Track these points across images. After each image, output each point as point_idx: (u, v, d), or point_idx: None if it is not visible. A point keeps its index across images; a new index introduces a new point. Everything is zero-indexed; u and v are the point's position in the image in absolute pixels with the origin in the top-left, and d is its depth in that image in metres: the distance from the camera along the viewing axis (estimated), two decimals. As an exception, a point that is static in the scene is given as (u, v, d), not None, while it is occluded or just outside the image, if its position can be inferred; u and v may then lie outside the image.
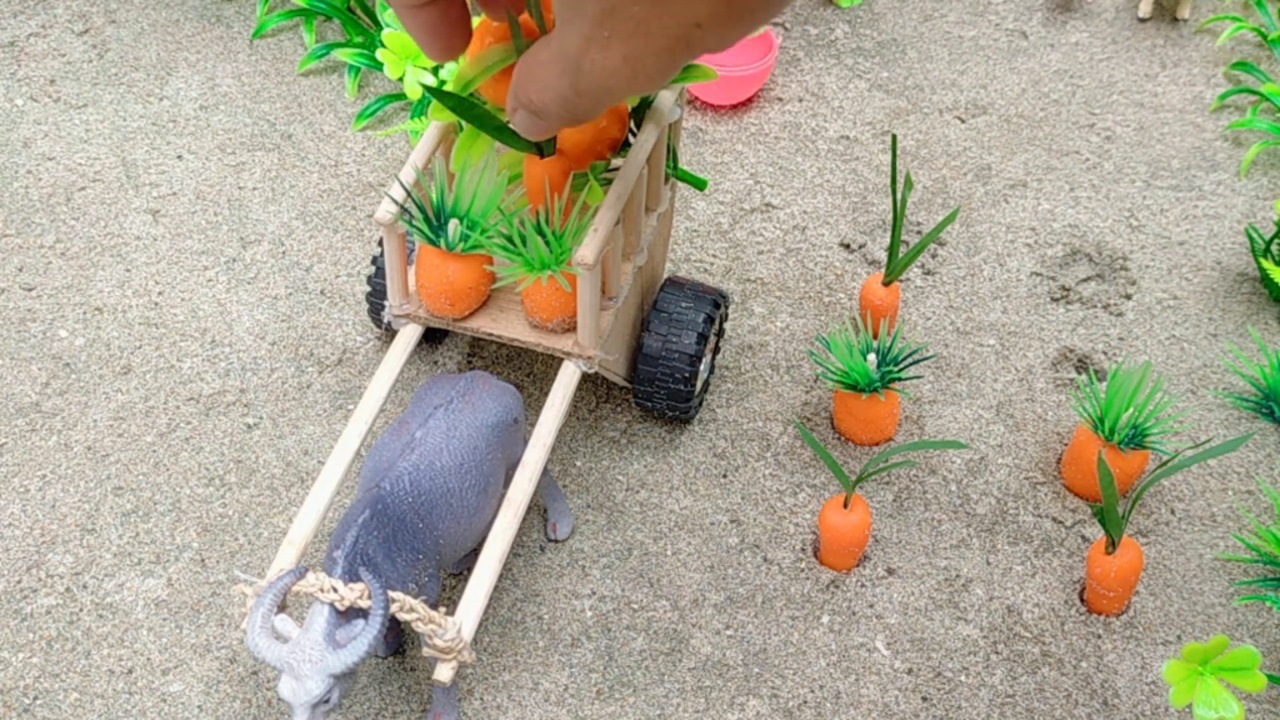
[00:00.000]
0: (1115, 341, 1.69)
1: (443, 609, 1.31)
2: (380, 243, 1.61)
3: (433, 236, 1.37)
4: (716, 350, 1.61)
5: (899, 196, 1.67)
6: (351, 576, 1.23)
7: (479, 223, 1.37)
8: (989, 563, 1.50)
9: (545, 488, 1.48)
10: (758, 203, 1.82)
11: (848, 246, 1.78)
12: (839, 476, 1.42)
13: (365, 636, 1.20)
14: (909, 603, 1.47)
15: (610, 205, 1.36)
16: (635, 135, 1.44)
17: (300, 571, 1.23)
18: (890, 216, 1.81)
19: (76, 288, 1.73)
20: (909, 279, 1.74)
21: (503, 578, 1.48)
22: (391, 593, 1.23)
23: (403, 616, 1.23)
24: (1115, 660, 1.43)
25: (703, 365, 1.56)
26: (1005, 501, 1.55)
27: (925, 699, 1.40)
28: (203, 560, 1.50)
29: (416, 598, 1.28)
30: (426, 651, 1.26)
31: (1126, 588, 1.43)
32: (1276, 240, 1.71)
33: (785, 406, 1.63)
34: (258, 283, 1.74)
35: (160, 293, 1.73)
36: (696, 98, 1.94)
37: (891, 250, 1.60)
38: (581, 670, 1.42)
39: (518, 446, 1.39)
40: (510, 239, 1.35)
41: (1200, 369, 1.66)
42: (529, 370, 1.66)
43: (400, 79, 1.79)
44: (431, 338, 1.68)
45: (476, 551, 1.35)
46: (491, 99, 1.41)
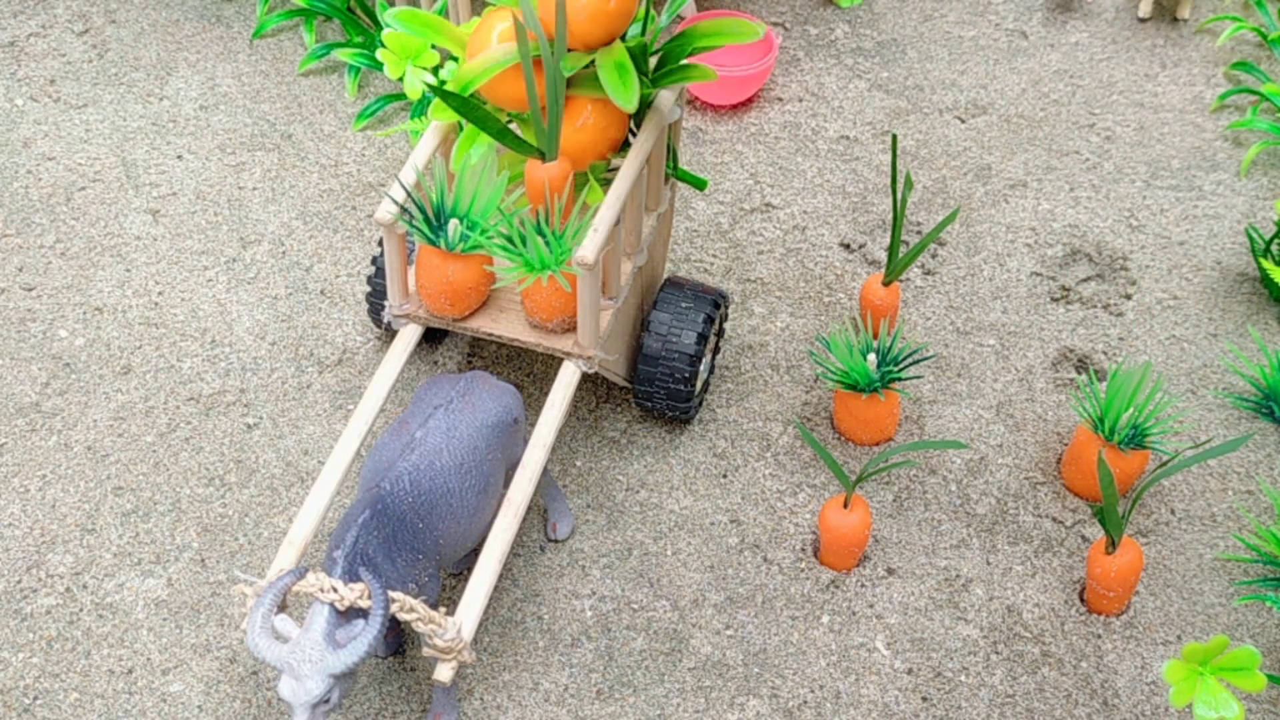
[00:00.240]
0: (1115, 341, 1.69)
1: (443, 609, 1.31)
2: (380, 243, 1.61)
3: (433, 236, 1.37)
4: (716, 350, 1.61)
5: (899, 196, 1.67)
6: (351, 576, 1.23)
7: (479, 223, 1.37)
8: (989, 563, 1.50)
9: (545, 488, 1.48)
10: (758, 203, 1.82)
11: (848, 246, 1.78)
12: (839, 476, 1.42)
13: (365, 636, 1.20)
14: (909, 603, 1.47)
15: (610, 205, 1.36)
16: (635, 135, 1.44)
17: (300, 571, 1.23)
18: (890, 216, 1.81)
19: (76, 288, 1.73)
20: (909, 279, 1.74)
21: (503, 578, 1.48)
22: (391, 593, 1.23)
23: (403, 616, 1.23)
24: (1115, 660, 1.43)
25: (703, 365, 1.56)
26: (1005, 501, 1.55)
27: (925, 699, 1.40)
28: (203, 560, 1.50)
29: (416, 598, 1.28)
30: (426, 651, 1.26)
31: (1126, 588, 1.43)
32: (1276, 240, 1.71)
33: (785, 406, 1.63)
34: (258, 283, 1.74)
35: (160, 293, 1.73)
36: (696, 98, 1.93)
37: (891, 250, 1.60)
38: (581, 670, 1.42)
39: (518, 446, 1.39)
40: (510, 239, 1.35)
41: (1200, 369, 1.66)
42: (529, 370, 1.66)
43: (400, 79, 1.79)
44: (431, 338, 1.68)
45: (476, 551, 1.35)
46: (492, 100, 1.41)
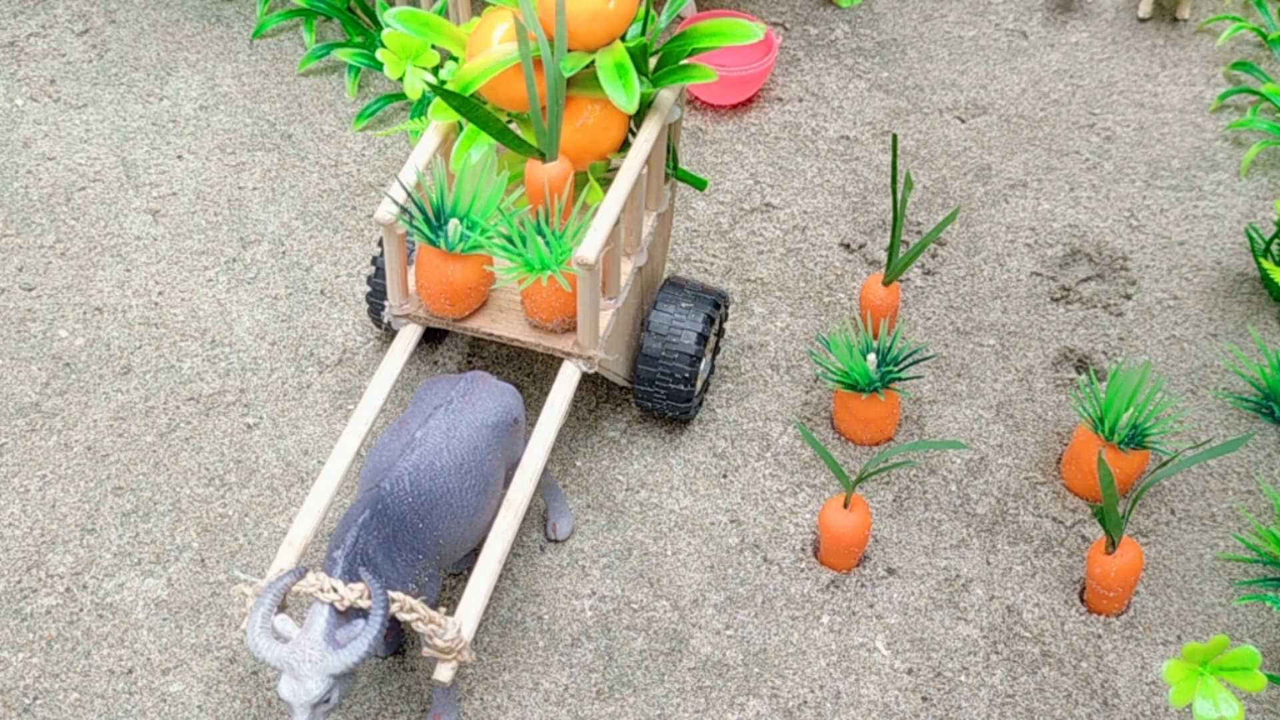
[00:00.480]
0: (1115, 341, 1.69)
1: (443, 609, 1.31)
2: (380, 243, 1.61)
3: (433, 237, 1.37)
4: (716, 350, 1.61)
5: (899, 196, 1.67)
6: (351, 576, 1.23)
7: (479, 223, 1.37)
8: (989, 563, 1.50)
9: (545, 488, 1.48)
10: (758, 203, 1.82)
11: (848, 246, 1.78)
12: (839, 476, 1.42)
13: (365, 636, 1.20)
14: (909, 603, 1.47)
15: (610, 205, 1.36)
16: (635, 135, 1.44)
17: (300, 571, 1.23)
18: (890, 216, 1.81)
19: (76, 288, 1.73)
20: (909, 279, 1.74)
21: (503, 578, 1.48)
22: (391, 593, 1.23)
23: (403, 616, 1.23)
24: (1115, 660, 1.43)
25: (703, 365, 1.56)
26: (1005, 501, 1.55)
27: (925, 699, 1.40)
28: (203, 560, 1.50)
29: (416, 598, 1.28)
30: (426, 651, 1.26)
31: (1126, 588, 1.43)
32: (1276, 240, 1.71)
33: (785, 406, 1.63)
34: (258, 283, 1.74)
35: (160, 293, 1.73)
36: (696, 98, 1.93)
37: (891, 250, 1.60)
38: (581, 670, 1.42)
39: (518, 446, 1.39)
40: (510, 239, 1.35)
41: (1200, 369, 1.66)
42: (529, 370, 1.66)
43: (400, 79, 1.79)
44: (431, 338, 1.68)
45: (476, 551, 1.35)
46: (493, 100, 1.41)
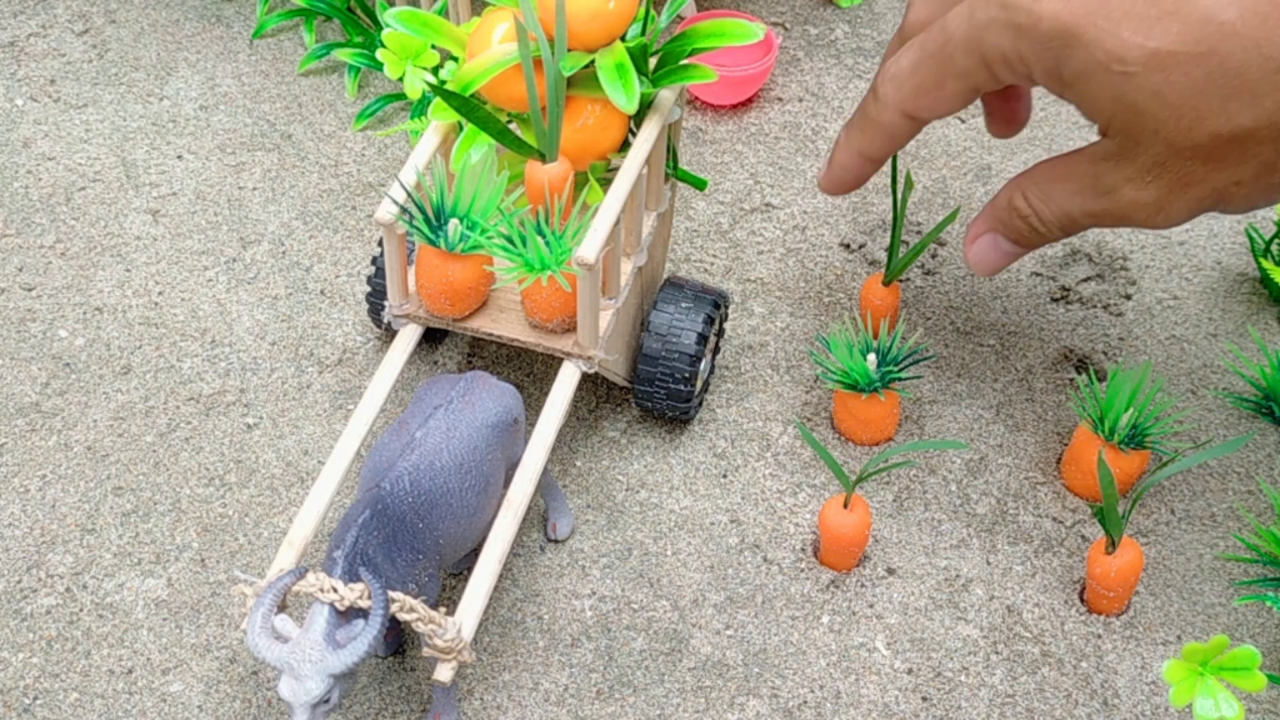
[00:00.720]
0: (1115, 341, 1.69)
1: (443, 609, 1.31)
2: (380, 243, 1.61)
3: (432, 237, 1.37)
4: (716, 350, 1.62)
5: (899, 196, 1.67)
6: (351, 576, 1.23)
7: (479, 223, 1.37)
8: (989, 563, 1.50)
9: (545, 488, 1.48)
10: (758, 203, 1.82)
11: (848, 246, 1.78)
12: (839, 476, 1.42)
13: (365, 636, 1.20)
14: (909, 603, 1.47)
15: (610, 205, 1.37)
16: (635, 135, 1.44)
17: (300, 571, 1.23)
18: (890, 216, 1.81)
19: (76, 288, 1.73)
20: (909, 279, 1.74)
21: (503, 578, 1.48)
22: (391, 593, 1.23)
23: (403, 616, 1.23)
24: (1115, 660, 1.43)
25: (703, 365, 1.56)
26: (1005, 501, 1.55)
27: (925, 699, 1.40)
28: (203, 560, 1.50)
29: (416, 598, 1.28)
30: (426, 651, 1.26)
31: (1126, 588, 1.43)
32: (1276, 240, 1.71)
33: (785, 406, 1.63)
34: (258, 283, 1.74)
35: (160, 293, 1.73)
36: (696, 98, 1.94)
37: (891, 250, 1.60)
38: (581, 670, 1.42)
39: (518, 446, 1.39)
40: (510, 239, 1.35)
41: (1200, 369, 1.66)
42: (529, 370, 1.66)
43: (400, 79, 1.80)
44: (431, 338, 1.68)
45: (476, 551, 1.35)
46: (493, 100, 1.41)
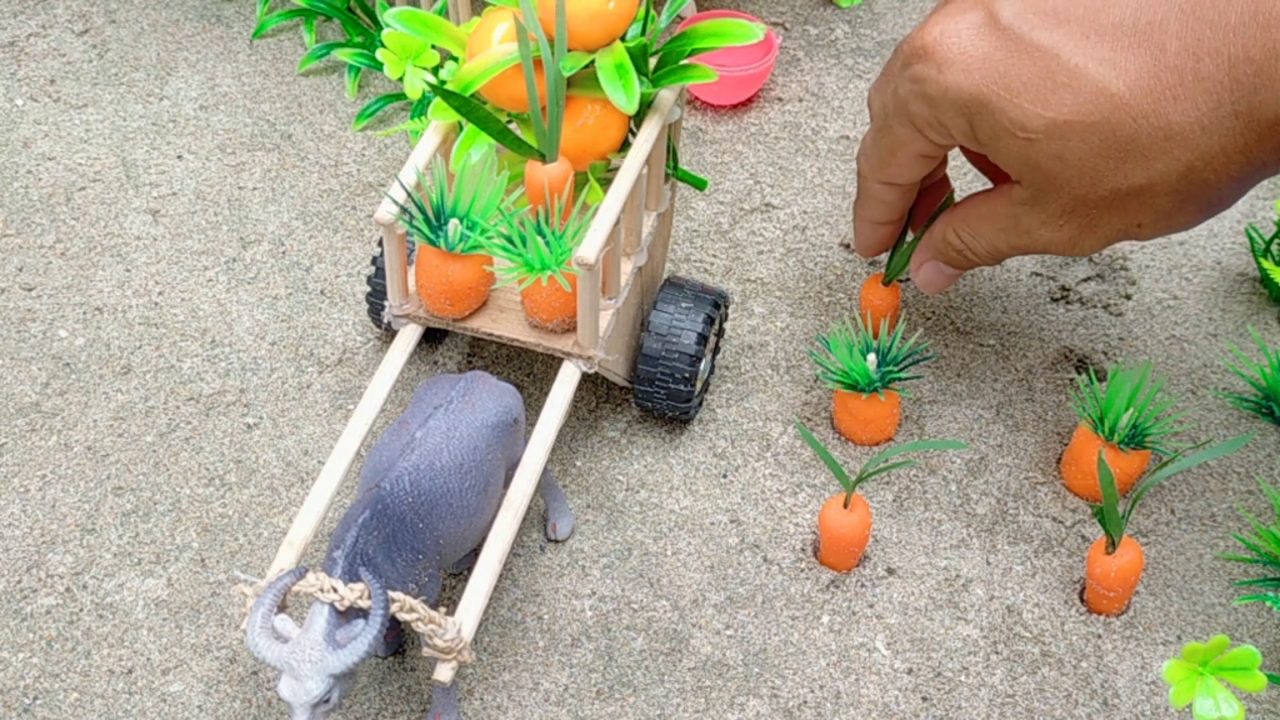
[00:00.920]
0: (1115, 341, 1.69)
1: (443, 609, 1.31)
2: (380, 243, 1.61)
3: (433, 236, 1.37)
4: (716, 350, 1.61)
5: (899, 196, 1.67)
6: (351, 576, 1.23)
7: (479, 223, 1.37)
8: (989, 563, 1.50)
9: (545, 488, 1.48)
10: (758, 203, 1.82)
11: (848, 246, 1.78)
12: (839, 476, 1.42)
13: (365, 636, 1.20)
14: (909, 603, 1.47)
15: (610, 205, 1.37)
16: (635, 135, 1.44)
17: (300, 571, 1.23)
18: (890, 216, 1.81)
19: (76, 288, 1.73)
20: (909, 279, 1.74)
21: (503, 578, 1.48)
22: (391, 593, 1.23)
23: (403, 616, 1.23)
24: (1115, 660, 1.43)
25: (703, 365, 1.56)
26: (1005, 501, 1.55)
27: (925, 699, 1.40)
28: (203, 560, 1.50)
29: (416, 598, 1.28)
30: (426, 651, 1.26)
31: (1126, 588, 1.43)
32: (1276, 240, 1.71)
33: (785, 406, 1.63)
34: (258, 283, 1.74)
35: (160, 293, 1.73)
36: (696, 98, 1.94)
37: (892, 250, 1.60)
38: (581, 670, 1.42)
39: (518, 446, 1.39)
40: (510, 239, 1.35)
41: (1200, 369, 1.66)
42: (529, 370, 1.66)
43: (400, 79, 1.80)
44: (431, 338, 1.68)
45: (476, 551, 1.35)
46: (493, 100, 1.41)
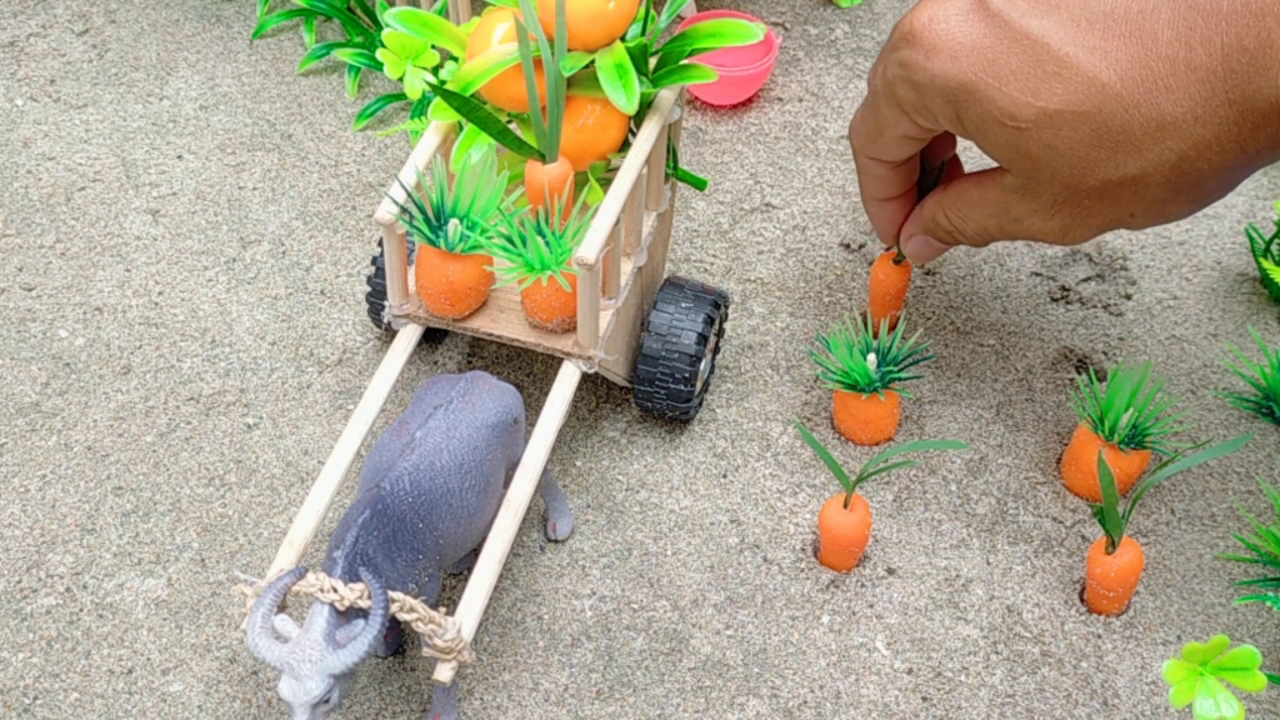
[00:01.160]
0: (1115, 341, 1.69)
1: (443, 609, 1.31)
2: (380, 243, 1.61)
3: (432, 237, 1.37)
4: (716, 350, 1.62)
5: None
6: (351, 576, 1.23)
7: (479, 223, 1.37)
8: (989, 563, 1.50)
9: (545, 488, 1.48)
10: (758, 203, 1.82)
11: (848, 246, 1.78)
12: (839, 476, 1.42)
13: (365, 636, 1.20)
14: (909, 603, 1.47)
15: (610, 205, 1.37)
16: (635, 135, 1.44)
17: (300, 571, 1.23)
18: (890, 216, 1.81)
19: (76, 288, 1.73)
20: (909, 279, 1.74)
21: (503, 578, 1.48)
22: (391, 593, 1.23)
23: (403, 616, 1.23)
24: (1115, 660, 1.43)
25: (703, 365, 1.56)
26: (1005, 501, 1.55)
27: (925, 699, 1.40)
28: (203, 560, 1.50)
29: (416, 598, 1.28)
30: (426, 651, 1.26)
31: (1126, 588, 1.43)
32: (1276, 240, 1.71)
33: (785, 406, 1.63)
34: (258, 283, 1.74)
35: (160, 293, 1.73)
36: (696, 98, 1.94)
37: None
38: (581, 670, 1.42)
39: (518, 446, 1.39)
40: (510, 239, 1.35)
41: (1200, 369, 1.66)
42: (529, 370, 1.66)
43: (400, 79, 1.80)
44: (431, 338, 1.68)
45: (476, 551, 1.35)
46: (493, 100, 1.41)
